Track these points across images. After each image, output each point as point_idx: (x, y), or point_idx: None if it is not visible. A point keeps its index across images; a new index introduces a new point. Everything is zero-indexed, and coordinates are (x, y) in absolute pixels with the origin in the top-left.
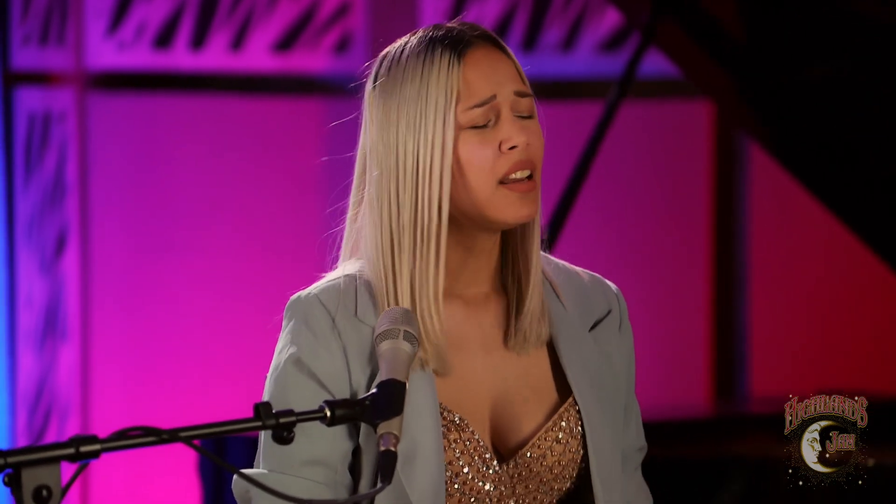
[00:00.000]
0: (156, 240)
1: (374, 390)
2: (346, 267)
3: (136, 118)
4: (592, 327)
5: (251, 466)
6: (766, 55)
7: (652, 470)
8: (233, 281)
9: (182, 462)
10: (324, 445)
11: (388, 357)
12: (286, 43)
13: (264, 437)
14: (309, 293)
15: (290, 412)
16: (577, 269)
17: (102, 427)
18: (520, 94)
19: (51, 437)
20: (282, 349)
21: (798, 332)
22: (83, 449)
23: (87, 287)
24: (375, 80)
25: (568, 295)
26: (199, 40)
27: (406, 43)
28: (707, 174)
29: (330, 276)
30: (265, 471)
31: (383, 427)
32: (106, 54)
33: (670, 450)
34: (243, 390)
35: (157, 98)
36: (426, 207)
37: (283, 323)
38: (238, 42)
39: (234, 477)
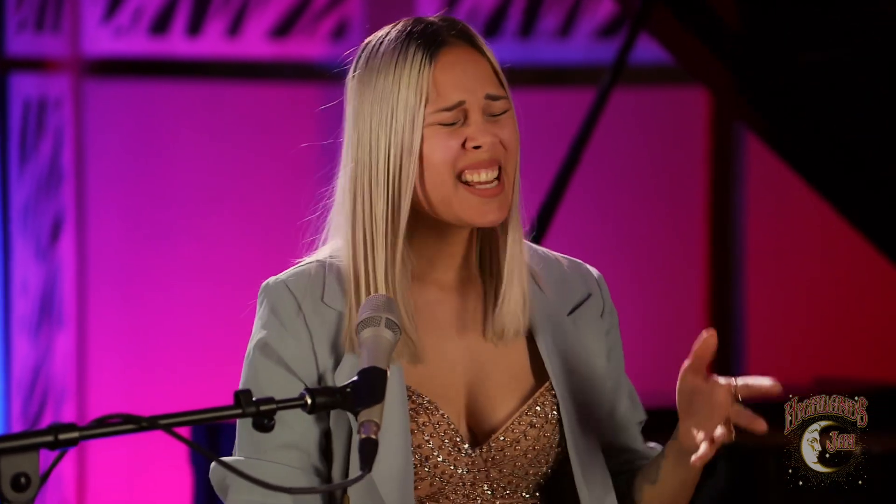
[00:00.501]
0: (152, 226)
1: (355, 378)
2: (319, 252)
3: (132, 104)
4: (571, 312)
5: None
6: (762, 44)
7: None
8: (229, 267)
9: (176, 449)
10: (298, 430)
11: (370, 344)
12: (283, 29)
13: (240, 424)
14: (278, 279)
15: (270, 400)
16: (557, 254)
17: (99, 413)
18: (491, 97)
19: (46, 424)
20: (253, 335)
21: (795, 322)
22: (62, 437)
23: (84, 273)
24: (355, 70)
25: (547, 281)
26: (195, 26)
27: (385, 35)
28: (704, 162)
29: (302, 262)
30: (241, 458)
31: (364, 415)
32: (102, 40)
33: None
34: (238, 377)
35: (153, 84)
36: (396, 204)
37: (257, 308)
38: (235, 28)
39: (212, 465)
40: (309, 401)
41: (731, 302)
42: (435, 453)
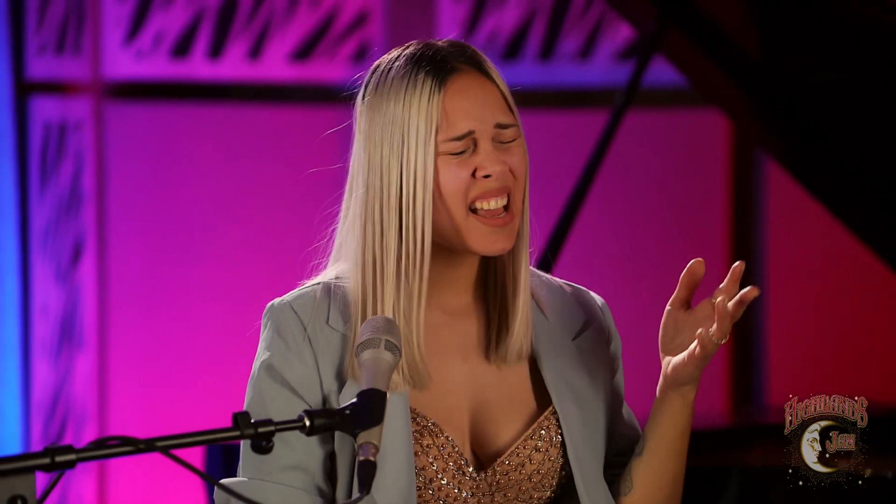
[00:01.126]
0: (173, 248)
1: (354, 400)
2: (324, 273)
3: (153, 127)
4: (575, 337)
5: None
6: (780, 68)
7: None
8: (250, 288)
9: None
10: (301, 451)
11: (369, 366)
12: (304, 52)
13: (244, 445)
14: (283, 301)
15: (268, 422)
16: (561, 281)
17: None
18: (501, 126)
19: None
20: (258, 356)
21: (815, 340)
22: (58, 459)
23: (105, 295)
24: (365, 94)
25: (551, 307)
26: (216, 50)
27: (395, 59)
28: (724, 181)
29: (307, 283)
30: (245, 479)
31: (363, 437)
32: (124, 63)
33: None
34: None
35: (174, 107)
36: (410, 234)
37: (261, 330)
38: (256, 51)
39: (216, 487)
40: (307, 423)
41: (752, 321)
42: (439, 476)
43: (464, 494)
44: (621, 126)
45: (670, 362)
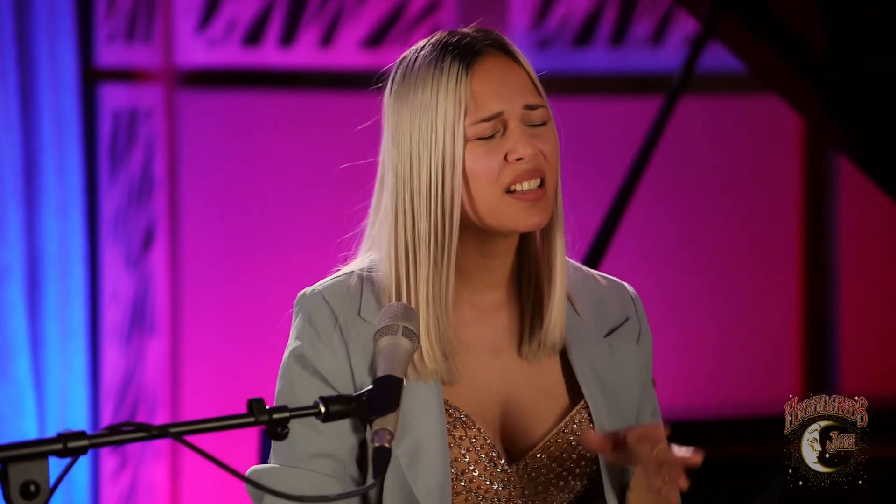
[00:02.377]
0: (245, 235)
1: (370, 386)
2: (355, 263)
3: (225, 115)
4: (608, 334)
5: None
6: (846, 61)
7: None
8: (321, 275)
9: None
10: (332, 439)
11: (387, 353)
12: (376, 39)
13: None
14: (314, 290)
15: (283, 408)
16: (596, 273)
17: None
18: (530, 107)
19: None
20: (288, 345)
21: (887, 332)
22: (71, 444)
23: (177, 282)
24: (392, 86)
25: (583, 301)
26: (288, 37)
27: (421, 49)
28: (797, 168)
29: (338, 273)
30: (276, 465)
31: (378, 423)
32: (196, 51)
33: (717, 449)
34: None
35: (246, 95)
36: (440, 220)
37: (293, 318)
38: (328, 38)
39: (247, 473)
40: (323, 409)
41: (826, 311)
42: (471, 468)
43: (495, 486)
44: (674, 113)
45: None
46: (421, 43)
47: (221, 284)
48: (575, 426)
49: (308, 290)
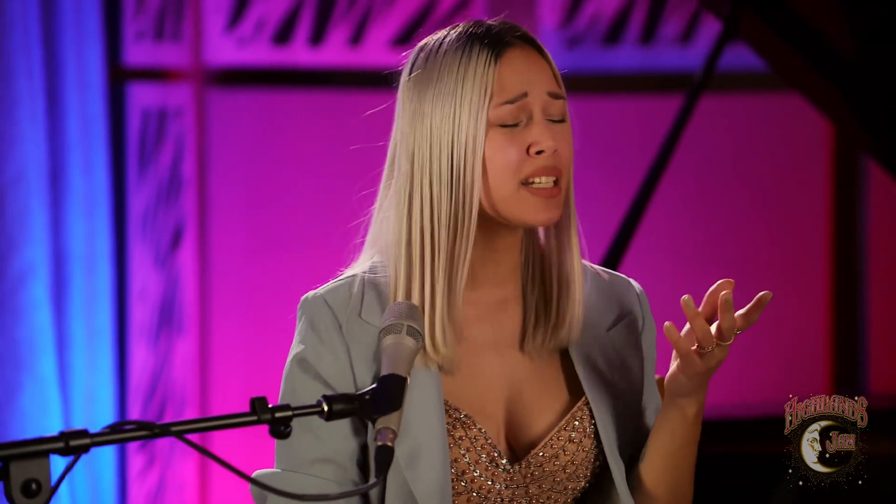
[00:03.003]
0: (274, 234)
1: (374, 385)
2: (356, 265)
3: (255, 114)
4: (611, 327)
5: None
6: (876, 68)
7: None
8: None
9: None
10: (333, 444)
11: (391, 352)
12: (405, 38)
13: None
14: (316, 294)
15: (286, 406)
16: (598, 268)
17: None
18: (553, 96)
19: None
20: (291, 349)
21: None
22: (73, 443)
23: (206, 281)
24: (411, 72)
25: (590, 298)
26: (318, 36)
27: (445, 37)
28: (826, 166)
29: (341, 276)
30: (278, 470)
31: (381, 422)
32: (225, 50)
33: (736, 446)
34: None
35: (276, 94)
36: (461, 205)
37: (296, 322)
38: (357, 38)
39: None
40: (326, 407)
41: (855, 310)
42: (472, 468)
43: (497, 486)
44: (695, 112)
45: (670, 369)
46: (443, 32)
47: (250, 283)
48: (576, 423)
49: (310, 293)
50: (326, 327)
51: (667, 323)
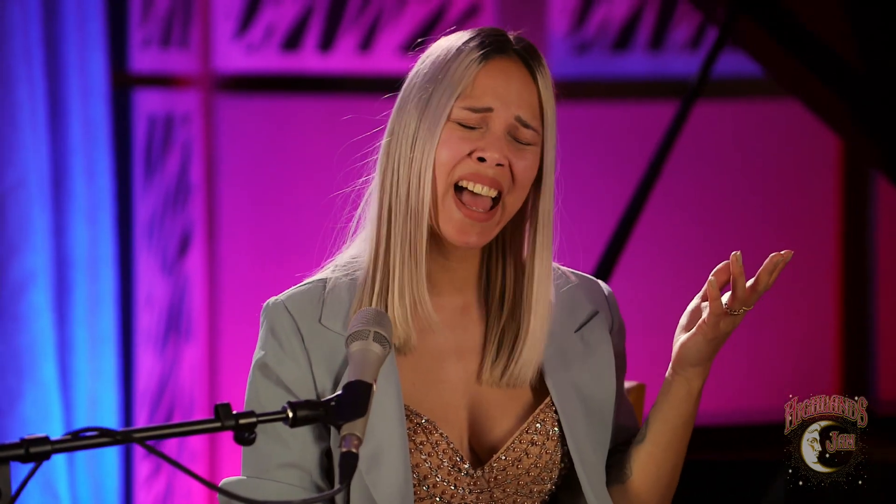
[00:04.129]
0: (283, 240)
1: (339, 392)
2: (328, 268)
3: (264, 120)
4: (578, 328)
5: None
6: (884, 82)
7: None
8: None
9: None
10: (297, 450)
11: (357, 358)
12: (415, 44)
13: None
14: (277, 300)
15: (251, 413)
16: (567, 270)
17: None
18: (522, 123)
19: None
20: (254, 355)
21: None
22: (33, 450)
23: (215, 287)
24: (417, 68)
25: (556, 301)
26: (327, 42)
27: (454, 32)
28: (835, 172)
29: (304, 281)
30: (244, 476)
31: (346, 428)
32: (234, 57)
33: (743, 453)
34: None
35: (285, 100)
36: (417, 181)
37: (259, 328)
38: (366, 44)
39: (221, 484)
40: (290, 414)
41: (863, 317)
42: (434, 473)
43: (461, 491)
44: (689, 118)
45: (678, 340)
46: (458, 34)
47: (259, 288)
48: (538, 426)
49: (272, 300)
50: (286, 333)
51: (735, 253)
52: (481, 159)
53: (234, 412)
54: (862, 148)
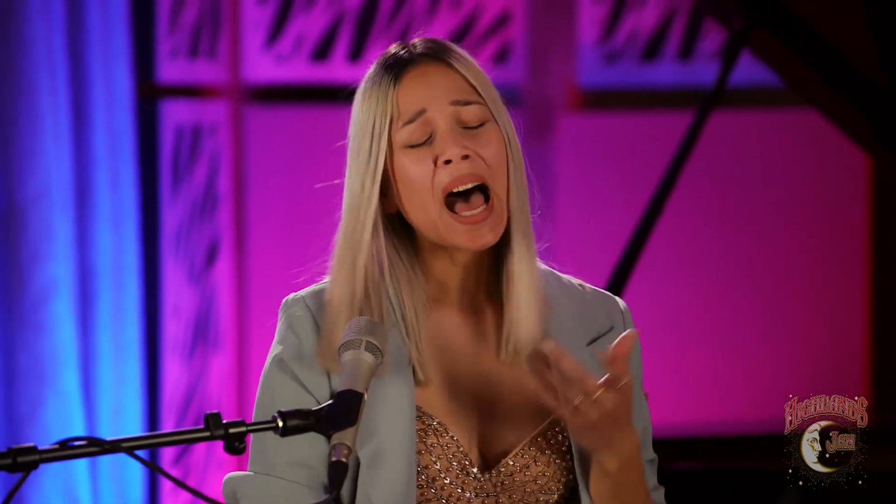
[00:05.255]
0: (311, 250)
1: (330, 401)
2: None
3: (293, 130)
4: (591, 342)
5: None
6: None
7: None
8: None
9: None
10: (305, 448)
11: (350, 367)
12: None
13: (253, 439)
14: (297, 296)
15: (240, 422)
16: (583, 283)
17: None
18: (460, 103)
19: (201, 445)
20: (271, 350)
21: None
22: (20, 459)
23: (243, 297)
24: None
25: (563, 307)
26: (357, 52)
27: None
28: (862, 183)
29: (324, 280)
30: (251, 473)
31: (336, 437)
32: (263, 67)
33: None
34: None
35: (315, 110)
36: (355, 220)
37: (277, 324)
38: None
39: (224, 479)
40: (280, 423)
41: (893, 326)
42: (442, 475)
43: (467, 494)
44: (705, 127)
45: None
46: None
47: None
48: (549, 434)
49: (291, 296)
50: (305, 329)
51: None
52: (447, 161)
53: (224, 421)
54: (888, 158)
